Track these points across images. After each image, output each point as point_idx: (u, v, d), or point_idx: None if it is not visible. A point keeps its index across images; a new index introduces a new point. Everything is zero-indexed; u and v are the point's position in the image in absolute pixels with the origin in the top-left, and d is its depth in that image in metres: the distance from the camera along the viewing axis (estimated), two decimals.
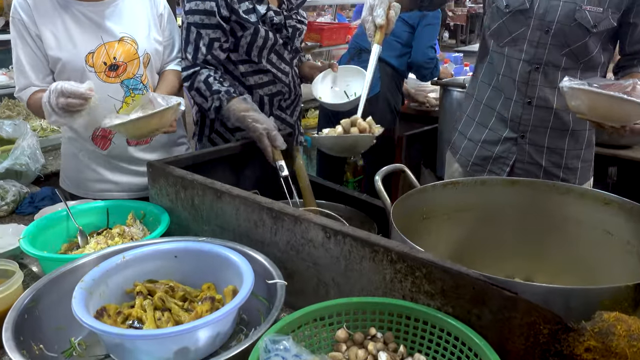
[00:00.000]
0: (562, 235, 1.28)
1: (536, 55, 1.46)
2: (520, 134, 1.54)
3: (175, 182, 1.26)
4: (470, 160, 1.65)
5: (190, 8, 1.55)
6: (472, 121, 1.66)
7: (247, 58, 1.63)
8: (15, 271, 1.02)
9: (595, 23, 1.39)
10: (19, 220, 1.51)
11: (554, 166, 1.55)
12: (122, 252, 1.03)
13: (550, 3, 1.42)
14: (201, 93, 1.55)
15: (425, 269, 0.85)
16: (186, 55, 1.58)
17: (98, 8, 1.52)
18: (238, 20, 1.55)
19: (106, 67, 1.52)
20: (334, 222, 0.98)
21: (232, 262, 1.01)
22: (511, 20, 1.48)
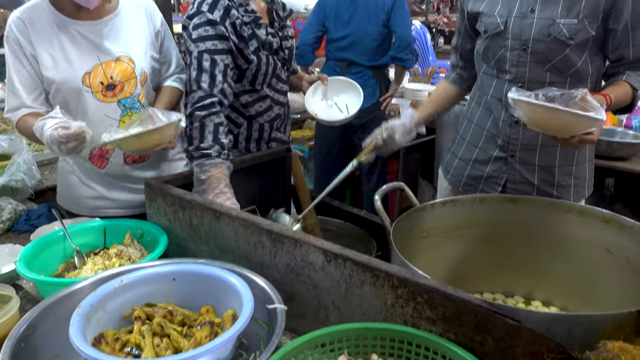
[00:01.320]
0: (562, 253, 1.28)
1: (518, 74, 1.46)
2: (510, 153, 1.53)
3: (173, 201, 1.25)
4: (462, 180, 1.64)
5: (200, 35, 1.48)
6: (464, 141, 1.66)
7: (250, 88, 1.62)
8: (11, 296, 1.00)
9: (572, 35, 1.38)
10: (14, 238, 1.49)
11: (546, 184, 1.54)
12: (120, 276, 1.02)
13: (524, 22, 1.42)
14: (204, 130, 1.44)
15: (427, 294, 0.85)
16: (201, 85, 1.46)
17: (95, 27, 1.50)
18: (242, 51, 1.54)
19: (103, 87, 1.50)
20: (335, 245, 0.98)
21: (231, 285, 1.00)
22: (491, 43, 1.48)
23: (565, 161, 1.52)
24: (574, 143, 1.23)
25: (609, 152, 2.25)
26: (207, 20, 1.47)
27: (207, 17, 1.47)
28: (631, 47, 1.41)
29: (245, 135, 1.68)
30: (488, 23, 1.48)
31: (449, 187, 1.71)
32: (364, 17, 2.99)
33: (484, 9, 1.50)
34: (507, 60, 1.46)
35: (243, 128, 1.68)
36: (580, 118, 1.15)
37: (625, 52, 1.42)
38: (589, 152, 1.57)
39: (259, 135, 1.69)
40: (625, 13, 1.36)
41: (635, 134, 2.42)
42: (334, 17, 3.06)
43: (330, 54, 3.15)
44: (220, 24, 1.47)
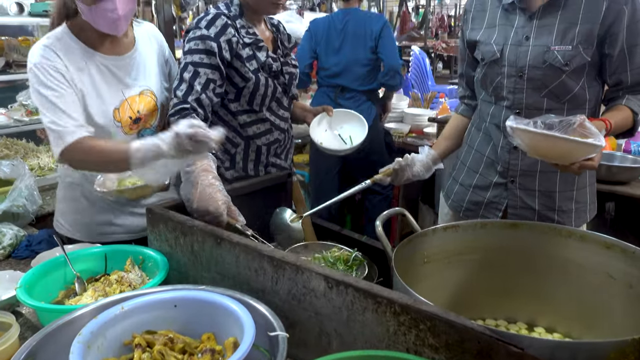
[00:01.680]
0: (564, 278, 1.27)
1: (515, 101, 1.47)
2: (510, 179, 1.54)
3: (174, 227, 1.25)
4: (463, 206, 1.65)
5: (190, 48, 1.54)
6: (464, 166, 1.67)
7: (248, 108, 1.64)
8: (11, 324, 1.00)
9: (567, 62, 1.39)
10: (15, 264, 1.49)
11: (547, 209, 1.54)
12: (121, 302, 1.01)
13: (520, 49, 1.44)
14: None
15: (430, 321, 0.84)
16: (176, 93, 1.51)
17: (120, 62, 1.52)
18: (238, 69, 1.57)
19: (131, 121, 1.53)
20: (336, 272, 0.97)
21: (232, 312, 0.99)
22: (489, 70, 1.51)
23: (565, 186, 1.52)
24: (575, 169, 1.23)
25: (608, 176, 2.26)
26: (199, 35, 1.52)
27: (201, 32, 1.52)
28: (629, 72, 1.42)
29: (242, 156, 1.70)
30: (485, 51, 1.51)
31: (450, 212, 1.72)
32: (354, 44, 3.10)
33: (481, 38, 1.53)
34: (504, 87, 1.48)
35: (240, 148, 1.70)
36: (579, 145, 1.16)
37: (624, 76, 1.43)
38: (590, 176, 1.58)
39: (256, 158, 1.71)
40: (621, 38, 1.37)
41: (634, 158, 2.43)
42: (324, 45, 3.16)
43: (322, 80, 3.23)
44: (213, 40, 1.51)
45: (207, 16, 1.55)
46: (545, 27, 1.42)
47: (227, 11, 1.58)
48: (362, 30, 3.09)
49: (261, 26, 1.68)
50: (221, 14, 1.55)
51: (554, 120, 1.22)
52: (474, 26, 1.57)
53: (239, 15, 1.59)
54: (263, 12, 1.65)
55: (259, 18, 1.66)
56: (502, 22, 1.50)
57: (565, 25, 1.40)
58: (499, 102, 1.52)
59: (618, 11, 1.35)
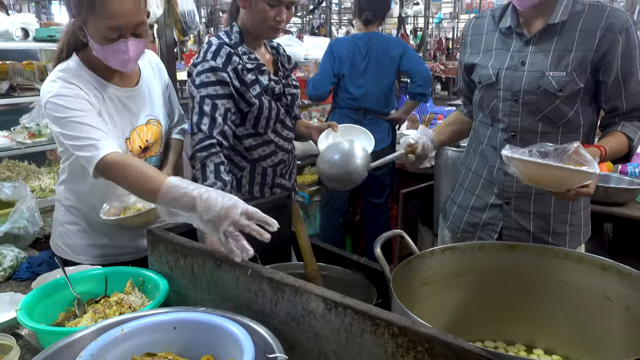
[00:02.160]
0: (562, 300, 1.28)
1: (511, 124, 1.50)
2: (505, 201, 1.56)
3: (174, 249, 1.26)
4: (461, 227, 1.67)
5: (202, 81, 1.54)
6: (462, 188, 1.70)
7: (253, 131, 1.67)
8: (12, 346, 1.00)
9: (561, 87, 1.41)
10: (15, 286, 1.50)
11: (542, 232, 1.55)
12: (121, 325, 1.02)
13: (515, 74, 1.47)
14: (205, 170, 1.49)
15: (428, 343, 0.85)
16: (201, 128, 1.52)
17: (130, 94, 1.56)
18: (244, 95, 1.59)
19: (141, 150, 1.56)
20: (335, 293, 0.98)
21: (232, 334, 1.00)
22: (485, 93, 1.55)
23: (560, 209, 1.54)
24: (570, 196, 1.25)
25: (605, 197, 2.28)
26: (209, 67, 1.54)
27: (210, 64, 1.54)
28: (624, 98, 1.44)
29: (248, 179, 1.72)
30: (482, 74, 1.54)
31: (449, 234, 1.73)
32: (377, 69, 3.18)
33: (478, 61, 1.57)
34: (499, 110, 1.51)
35: (246, 172, 1.71)
36: (573, 172, 1.19)
37: (619, 103, 1.45)
38: (584, 200, 1.59)
39: (262, 180, 1.72)
40: (615, 65, 1.40)
41: (630, 179, 2.46)
42: (349, 68, 3.19)
43: (343, 102, 3.25)
44: (222, 70, 1.54)
45: (210, 48, 1.58)
46: (540, 53, 1.45)
47: (228, 39, 1.62)
48: (384, 55, 3.16)
49: (261, 49, 1.72)
50: (224, 44, 1.58)
51: (549, 148, 1.25)
52: (472, 50, 1.61)
53: (240, 42, 1.62)
54: (263, 37, 1.68)
55: (259, 42, 1.69)
56: (499, 47, 1.53)
57: (560, 52, 1.43)
58: (495, 124, 1.55)
59: (612, 40, 1.38)
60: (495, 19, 1.57)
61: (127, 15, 1.35)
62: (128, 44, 1.39)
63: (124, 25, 1.36)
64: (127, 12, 1.35)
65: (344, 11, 13.59)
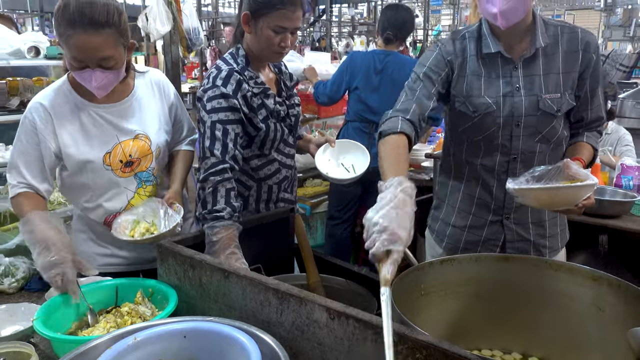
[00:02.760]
0: (556, 310, 1.32)
1: (512, 148, 1.54)
2: (505, 216, 1.62)
3: (183, 261, 1.31)
4: (460, 246, 1.69)
5: (214, 107, 1.58)
6: (453, 208, 1.70)
7: (259, 152, 1.72)
8: (31, 354, 1.05)
9: (558, 108, 1.50)
10: (28, 297, 1.55)
11: (540, 237, 1.64)
12: (134, 333, 1.07)
13: (514, 100, 1.51)
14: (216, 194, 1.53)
15: (425, 350, 0.90)
16: (213, 152, 1.56)
17: (114, 109, 1.62)
18: (252, 119, 1.65)
19: (122, 164, 1.62)
20: (338, 303, 1.04)
21: (240, 343, 1.04)
22: (480, 122, 1.54)
23: (551, 214, 1.63)
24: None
25: (600, 210, 2.33)
26: (220, 94, 1.58)
27: (220, 90, 1.58)
28: (590, 110, 1.57)
29: (255, 197, 1.77)
30: (479, 104, 1.53)
31: (444, 253, 1.74)
32: (392, 87, 3.18)
33: (469, 91, 1.54)
34: (499, 136, 1.54)
35: (253, 190, 1.77)
36: (580, 188, 1.28)
37: (585, 114, 1.57)
38: None
39: (267, 197, 1.78)
40: (587, 81, 1.52)
41: (624, 192, 2.51)
42: (362, 81, 3.23)
43: (356, 115, 3.27)
44: (233, 96, 1.58)
45: (220, 74, 1.61)
46: (531, 77, 1.51)
47: (235, 63, 1.66)
48: (400, 73, 3.16)
49: (265, 70, 1.78)
50: (233, 70, 1.61)
51: (542, 171, 1.34)
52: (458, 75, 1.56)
53: (246, 66, 1.67)
54: (267, 61, 1.74)
55: (263, 64, 1.75)
56: (486, 73, 1.53)
57: (548, 74, 1.51)
58: (493, 150, 1.57)
59: (589, 59, 1.51)
60: (475, 43, 1.55)
61: (89, 51, 1.44)
62: (92, 75, 1.47)
63: (86, 59, 1.45)
64: (90, 49, 1.44)
65: (343, 24, 13.75)
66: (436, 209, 1.79)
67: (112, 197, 1.65)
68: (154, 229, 1.56)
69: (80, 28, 1.40)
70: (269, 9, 1.58)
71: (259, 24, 1.61)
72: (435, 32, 17.47)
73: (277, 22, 1.59)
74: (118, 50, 1.48)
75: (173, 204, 1.60)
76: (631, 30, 12.71)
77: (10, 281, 1.56)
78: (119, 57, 1.49)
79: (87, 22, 1.40)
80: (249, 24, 1.63)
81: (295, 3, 1.59)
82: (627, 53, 9.14)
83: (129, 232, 1.55)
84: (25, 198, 1.54)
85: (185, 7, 3.37)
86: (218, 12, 12.95)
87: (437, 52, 1.56)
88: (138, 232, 1.54)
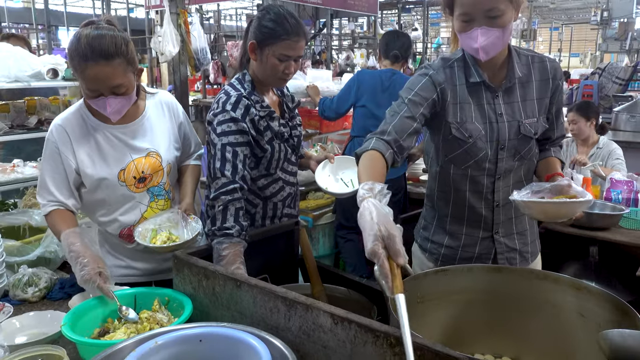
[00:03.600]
0: (543, 317, 1.42)
1: (498, 169, 1.66)
2: (494, 231, 1.74)
3: (198, 272, 1.42)
4: (455, 263, 1.75)
5: (224, 130, 1.68)
6: (443, 230, 1.79)
7: (265, 172, 1.84)
8: (62, 357, 1.15)
9: (535, 131, 1.66)
10: (50, 305, 1.65)
11: (524, 245, 1.78)
12: (155, 338, 1.17)
13: (499, 126, 1.63)
14: (226, 213, 1.62)
15: (420, 351, 1.00)
16: (224, 173, 1.64)
17: (126, 129, 1.74)
18: (259, 142, 1.76)
19: (135, 181, 1.74)
20: (341, 309, 1.14)
21: (251, 346, 1.14)
22: (473, 147, 1.62)
23: (530, 222, 1.79)
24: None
25: (590, 222, 2.44)
26: (230, 118, 1.69)
27: (230, 115, 1.69)
28: (556, 129, 1.75)
29: (261, 214, 1.88)
30: (472, 129, 1.61)
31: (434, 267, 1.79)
32: None
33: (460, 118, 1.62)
34: (487, 159, 1.64)
35: (259, 208, 1.88)
36: (581, 203, 1.43)
37: (552, 133, 1.75)
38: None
39: (273, 213, 1.89)
40: (555, 106, 1.70)
41: (613, 205, 2.62)
42: (369, 98, 3.38)
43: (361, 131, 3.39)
44: (242, 120, 1.69)
45: (230, 99, 1.71)
46: (511, 104, 1.65)
47: (242, 89, 1.76)
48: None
49: (269, 93, 1.89)
50: (242, 96, 1.72)
51: (542, 186, 1.51)
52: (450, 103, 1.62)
53: (252, 90, 1.78)
54: (272, 85, 1.86)
55: (267, 88, 1.87)
56: (474, 100, 1.63)
57: (526, 101, 1.66)
58: (478, 172, 1.67)
59: (557, 86, 1.68)
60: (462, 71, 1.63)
61: (101, 81, 1.57)
62: (106, 102, 1.61)
63: (100, 88, 1.59)
64: (102, 79, 1.57)
65: (344, 37, 13.93)
66: (425, 229, 1.87)
67: (126, 211, 1.77)
68: (175, 237, 1.67)
69: (92, 60, 1.53)
70: (274, 39, 1.70)
71: (264, 52, 1.73)
72: (435, 45, 17.68)
73: (281, 51, 1.71)
74: (128, 77, 1.61)
75: (189, 215, 1.71)
76: (627, 44, 12.88)
77: (34, 290, 1.67)
78: (129, 83, 1.62)
79: (98, 55, 1.53)
80: (255, 52, 1.75)
81: (299, 34, 1.71)
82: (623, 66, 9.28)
83: (150, 241, 1.66)
84: (58, 216, 1.67)
85: (193, 29, 3.51)
86: (220, 26, 13.13)
87: (427, 79, 1.62)
88: (160, 240, 1.64)
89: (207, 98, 8.14)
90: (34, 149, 2.84)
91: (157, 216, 1.74)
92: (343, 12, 9.93)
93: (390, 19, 18.84)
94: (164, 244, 1.63)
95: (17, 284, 1.68)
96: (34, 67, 2.41)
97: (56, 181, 1.69)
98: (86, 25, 1.60)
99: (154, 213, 1.78)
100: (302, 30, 1.73)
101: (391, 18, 18.44)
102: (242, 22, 15.19)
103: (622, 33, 13.60)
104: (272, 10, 1.75)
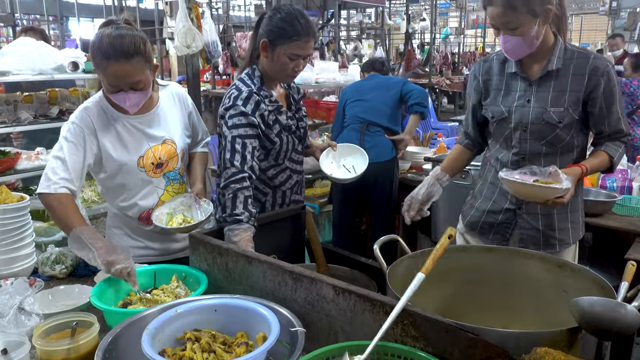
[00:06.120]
0: (529, 293, 1.54)
1: (521, 149, 1.86)
2: (517, 206, 1.91)
3: (212, 250, 1.55)
4: (479, 225, 2.02)
5: (234, 123, 1.80)
6: (481, 195, 2.04)
7: (274, 163, 1.96)
8: (93, 322, 1.29)
9: (560, 120, 1.78)
10: (75, 281, 1.79)
11: (549, 229, 1.90)
12: (175, 307, 1.31)
13: (523, 110, 1.82)
14: (235, 200, 1.73)
15: (412, 317, 1.13)
16: (234, 163, 1.75)
17: (143, 119, 1.87)
18: (268, 135, 1.87)
19: (153, 166, 1.87)
20: (342, 282, 1.27)
21: (261, 315, 1.27)
22: (498, 126, 1.89)
23: (561, 209, 1.87)
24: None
25: (584, 209, 2.54)
26: (240, 112, 1.81)
27: (240, 109, 1.81)
28: (607, 124, 1.82)
29: (271, 202, 2.01)
30: (494, 111, 1.89)
31: (464, 228, 2.09)
32: (380, 90, 3.55)
33: (490, 101, 1.91)
34: (512, 138, 1.86)
35: (269, 196, 2.00)
36: (547, 189, 1.60)
37: (603, 127, 1.83)
38: (580, 202, 1.97)
39: (282, 201, 2.02)
40: (599, 100, 1.78)
41: (607, 193, 2.72)
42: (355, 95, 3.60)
43: (349, 119, 3.54)
44: (252, 115, 1.81)
45: (241, 95, 1.83)
46: (542, 93, 1.80)
47: (252, 84, 1.87)
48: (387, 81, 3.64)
49: (277, 87, 2.00)
50: (252, 92, 1.83)
51: (536, 169, 1.68)
52: (484, 91, 1.93)
53: (261, 85, 1.89)
54: (280, 81, 1.98)
55: (275, 83, 1.99)
56: (506, 88, 1.88)
57: (557, 92, 1.79)
58: (508, 149, 1.89)
59: (596, 82, 1.76)
60: (500, 63, 1.90)
61: (122, 78, 1.69)
62: (126, 97, 1.73)
63: (120, 84, 1.71)
64: (122, 76, 1.69)
65: (352, 27, 13.96)
66: (471, 195, 2.13)
67: (145, 196, 1.90)
68: (189, 219, 1.80)
69: (114, 59, 1.65)
70: (285, 39, 1.81)
71: (275, 51, 1.84)
72: (443, 35, 17.62)
73: (292, 51, 1.82)
74: (145, 74, 1.73)
75: (201, 198, 1.84)
76: (636, 33, 12.81)
77: (61, 267, 1.81)
78: (147, 79, 1.74)
79: (119, 54, 1.65)
80: (267, 50, 1.86)
81: (309, 34, 1.82)
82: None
83: (167, 223, 1.79)
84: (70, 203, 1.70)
85: (205, 23, 3.60)
86: (229, 17, 13.20)
87: (471, 74, 2.02)
88: (176, 222, 1.78)
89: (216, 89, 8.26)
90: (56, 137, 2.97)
91: (171, 201, 1.88)
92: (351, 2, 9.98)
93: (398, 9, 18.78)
94: (180, 225, 1.76)
95: (46, 261, 1.82)
96: (57, 61, 2.54)
97: (74, 162, 1.75)
98: (106, 25, 1.73)
99: (170, 196, 1.92)
100: (312, 30, 1.84)
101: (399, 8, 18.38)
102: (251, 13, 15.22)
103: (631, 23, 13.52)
104: (283, 10, 1.85)
